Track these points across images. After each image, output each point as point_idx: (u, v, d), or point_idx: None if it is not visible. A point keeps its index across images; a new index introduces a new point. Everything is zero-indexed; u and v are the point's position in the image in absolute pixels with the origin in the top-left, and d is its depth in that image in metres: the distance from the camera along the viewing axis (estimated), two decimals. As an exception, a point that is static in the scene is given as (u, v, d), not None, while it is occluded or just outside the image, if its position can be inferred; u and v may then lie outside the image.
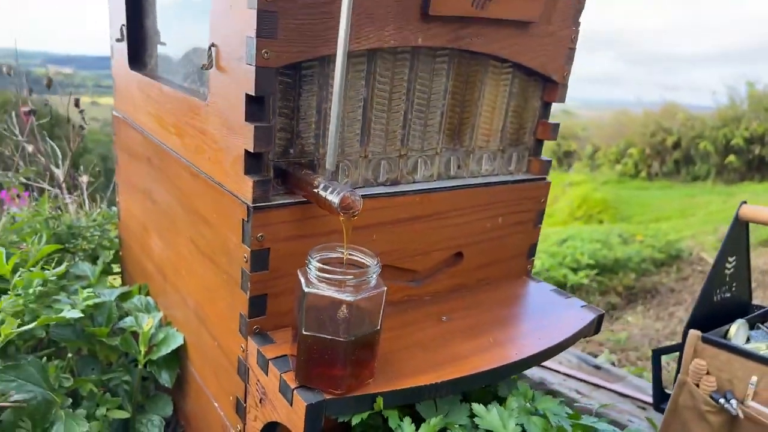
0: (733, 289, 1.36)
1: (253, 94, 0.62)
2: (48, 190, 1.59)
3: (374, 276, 0.62)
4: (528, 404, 0.75)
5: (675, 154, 11.74)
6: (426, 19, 0.71)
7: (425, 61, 0.77)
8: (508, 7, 0.76)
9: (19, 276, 0.95)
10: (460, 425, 0.69)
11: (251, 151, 0.64)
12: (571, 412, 0.81)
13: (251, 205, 0.66)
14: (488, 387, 0.82)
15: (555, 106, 0.97)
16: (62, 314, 0.85)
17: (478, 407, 0.67)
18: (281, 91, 0.67)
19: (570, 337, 0.83)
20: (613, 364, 3.53)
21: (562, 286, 4.70)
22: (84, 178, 1.74)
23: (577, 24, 0.88)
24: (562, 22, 0.86)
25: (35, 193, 1.67)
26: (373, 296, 0.61)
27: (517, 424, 0.69)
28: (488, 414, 0.66)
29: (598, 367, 1.79)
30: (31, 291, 0.93)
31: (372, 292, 0.61)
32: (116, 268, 1.31)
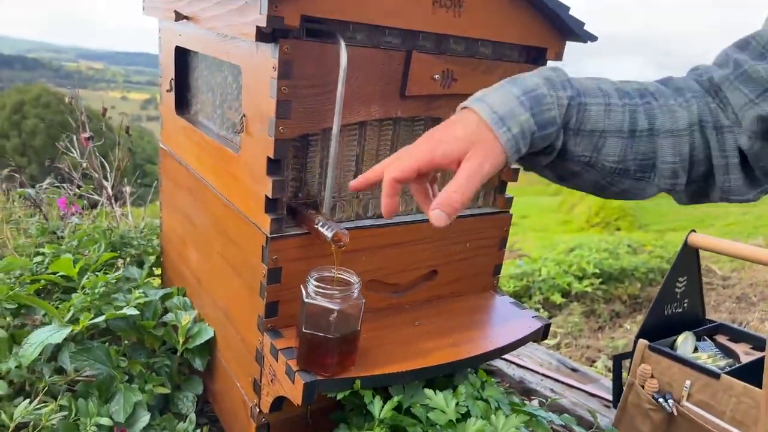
0: (685, 305, 1.56)
1: (273, 157, 0.86)
2: (100, 201, 1.86)
3: (356, 291, 0.85)
4: (476, 392, 0.98)
5: (699, 162, 11.73)
6: (404, 98, 0.94)
7: (405, 125, 1.00)
8: (469, 85, 0.99)
9: (87, 278, 1.21)
10: (421, 405, 0.92)
11: (270, 196, 0.88)
12: (517, 401, 1.03)
13: (269, 235, 0.90)
14: (449, 377, 1.05)
15: None
16: (122, 311, 1.11)
17: (428, 391, 0.90)
18: (293, 153, 0.91)
19: (516, 341, 1.05)
20: (608, 369, 3.71)
21: (566, 294, 4.87)
22: (127, 189, 2.01)
23: (533, 91, 1.10)
24: (519, 91, 1.08)
25: (86, 202, 1.94)
26: (354, 305, 0.85)
27: (464, 406, 0.91)
28: (436, 397, 0.89)
29: (575, 370, 2.00)
30: (96, 291, 1.18)
31: (354, 302, 0.84)
32: (156, 271, 1.57)
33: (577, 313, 4.55)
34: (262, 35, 0.79)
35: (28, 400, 0.90)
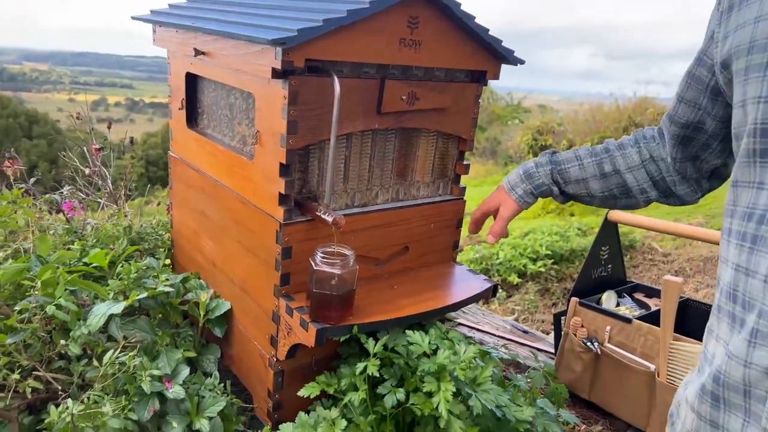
0: (609, 269, 1.92)
1: (284, 163, 1.15)
2: (101, 203, 2.09)
3: (351, 260, 1.15)
4: (443, 334, 1.29)
5: (646, 148, 12.43)
6: (380, 114, 1.24)
7: (381, 135, 1.31)
8: (429, 102, 1.30)
9: (122, 266, 1.46)
10: (402, 345, 1.23)
11: (283, 193, 1.17)
12: (475, 344, 1.35)
13: (282, 222, 1.19)
14: (420, 324, 1.36)
15: (533, 102, 1.54)
16: (159, 289, 1.37)
17: (408, 331, 1.20)
18: (298, 159, 1.19)
19: (471, 297, 1.37)
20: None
21: (522, 275, 5.29)
22: (122, 191, 2.24)
23: (477, 104, 1.42)
24: (467, 105, 1.40)
25: (85, 204, 2.16)
26: (351, 271, 1.15)
27: (432, 343, 1.23)
28: (414, 335, 1.20)
29: (525, 332, 2.35)
30: (130, 276, 1.44)
31: (350, 269, 1.14)
32: (166, 261, 1.82)
33: (532, 291, 4.97)
34: (276, 73, 1.08)
35: (111, 351, 1.16)
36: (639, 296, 1.95)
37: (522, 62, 1.39)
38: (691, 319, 1.75)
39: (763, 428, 0.60)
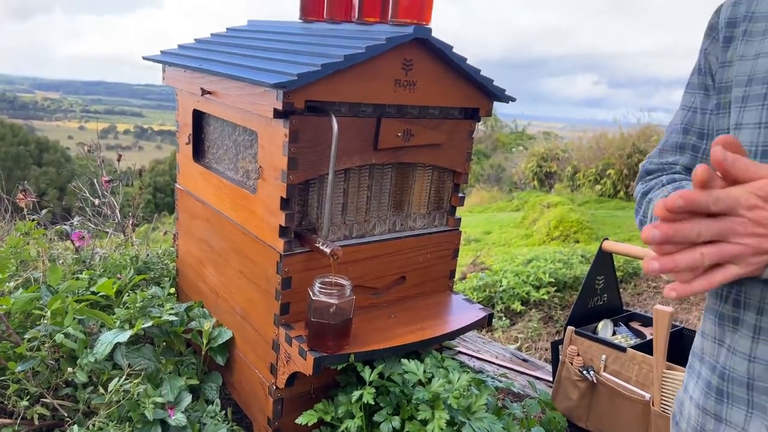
0: (605, 298, 1.96)
1: (285, 197, 1.20)
2: (109, 233, 2.15)
3: (348, 290, 1.19)
4: (438, 363, 1.33)
5: (650, 175, 12.46)
6: (376, 150, 1.30)
7: (377, 170, 1.36)
8: (423, 138, 1.36)
9: (128, 295, 1.51)
10: (397, 373, 1.27)
11: (283, 225, 1.22)
12: (469, 372, 1.38)
13: (282, 253, 1.24)
14: (417, 353, 1.39)
15: (537, 129, 1.56)
16: (164, 318, 1.42)
17: (404, 360, 1.24)
18: (298, 193, 1.25)
19: (467, 325, 1.41)
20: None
21: (525, 302, 5.29)
22: (130, 221, 2.30)
23: (471, 138, 1.48)
24: (461, 140, 1.46)
25: (93, 234, 2.22)
26: (348, 301, 1.19)
27: (428, 372, 1.26)
28: (409, 364, 1.23)
29: (525, 360, 2.37)
30: (136, 305, 1.49)
31: (347, 299, 1.19)
32: (171, 290, 1.87)
33: (535, 319, 4.95)
34: (277, 113, 1.14)
35: (117, 379, 1.20)
36: (635, 325, 1.98)
37: (513, 99, 1.45)
38: (688, 349, 1.77)
39: None
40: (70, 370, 1.25)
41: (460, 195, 1.54)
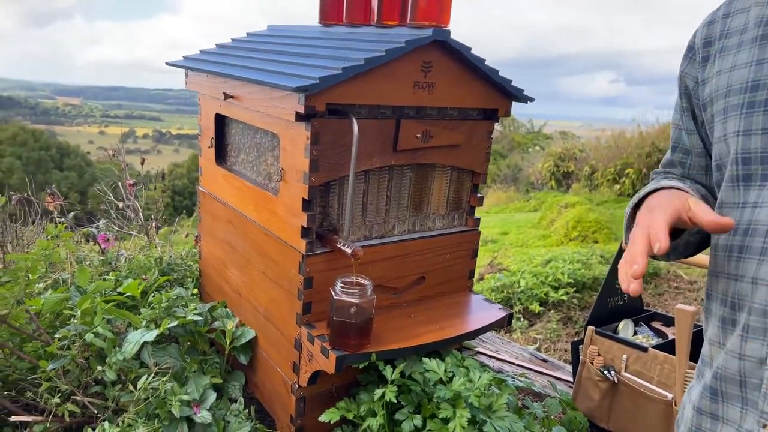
0: (625, 298, 1.94)
1: (306, 199, 1.22)
2: (132, 235, 2.20)
3: (369, 290, 1.21)
4: (459, 362, 1.33)
5: (671, 174, 12.27)
6: (396, 152, 1.32)
7: (397, 171, 1.38)
8: (442, 139, 1.37)
9: (153, 296, 1.55)
10: (418, 372, 1.28)
11: (305, 226, 1.24)
12: (490, 371, 1.39)
13: (304, 254, 1.26)
14: (437, 352, 1.40)
15: (554, 128, 1.56)
16: (189, 317, 1.45)
17: (425, 359, 1.25)
18: (319, 194, 1.27)
19: (486, 325, 1.42)
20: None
21: (544, 303, 5.26)
22: (153, 224, 2.35)
23: (490, 139, 1.49)
24: (480, 140, 1.46)
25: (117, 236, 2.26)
26: (369, 300, 1.21)
27: (448, 371, 1.27)
28: (430, 362, 1.24)
29: (545, 360, 2.36)
30: (162, 305, 1.52)
31: (368, 298, 1.20)
32: (194, 290, 1.91)
33: (554, 320, 4.92)
34: (299, 116, 1.16)
35: (145, 377, 1.24)
36: (656, 325, 1.96)
37: (532, 99, 1.46)
38: (709, 348, 1.75)
39: (761, 411, 0.67)
40: (99, 368, 1.28)
41: (479, 195, 1.55)
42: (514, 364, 2.29)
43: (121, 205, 2.15)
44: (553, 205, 11.50)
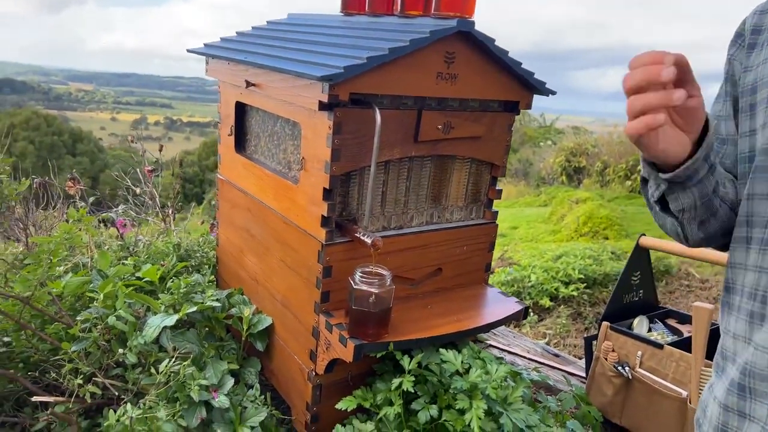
0: (640, 294, 1.94)
1: (327, 188, 1.23)
2: (149, 220, 2.22)
3: (388, 280, 1.22)
4: (475, 354, 1.34)
5: (683, 171, 12.17)
6: (416, 143, 1.32)
7: (417, 161, 1.38)
8: (463, 131, 1.37)
9: (172, 281, 1.56)
10: (435, 363, 1.28)
11: (325, 215, 1.25)
12: (506, 364, 1.39)
13: (324, 243, 1.27)
14: (453, 344, 1.41)
15: (566, 123, 1.55)
16: (207, 303, 1.46)
17: (442, 350, 1.26)
18: (340, 184, 1.28)
19: (502, 318, 1.42)
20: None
21: (554, 298, 5.25)
22: (170, 211, 2.36)
23: (510, 132, 1.48)
24: (500, 132, 1.46)
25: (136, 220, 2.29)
26: (388, 290, 1.21)
27: (465, 362, 1.27)
28: (447, 353, 1.25)
29: (557, 355, 2.36)
30: (180, 290, 1.54)
31: (387, 288, 1.21)
32: (210, 277, 1.92)
33: (564, 315, 4.91)
34: (322, 106, 1.17)
35: (167, 361, 1.25)
36: (671, 322, 1.96)
37: (554, 93, 1.45)
38: (725, 346, 1.75)
39: None
40: (120, 351, 1.30)
41: (498, 188, 1.54)
42: (525, 358, 2.29)
43: (138, 190, 2.17)
44: (563, 200, 11.43)
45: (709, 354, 1.55)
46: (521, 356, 2.30)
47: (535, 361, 2.26)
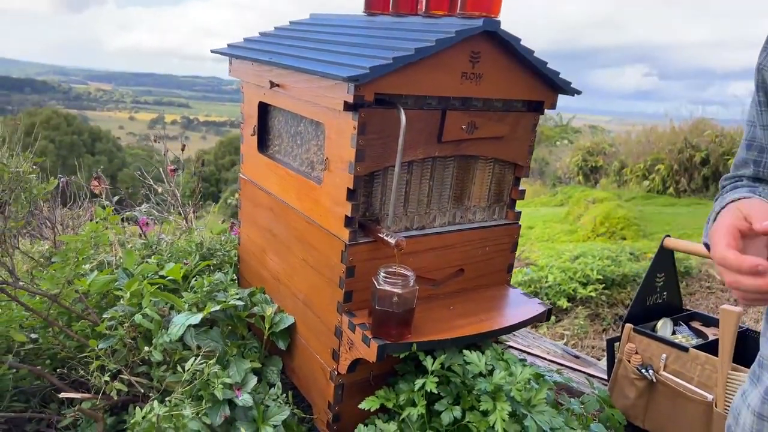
0: (664, 296, 1.91)
1: (351, 188, 1.23)
2: (171, 219, 2.24)
3: (412, 280, 1.21)
4: (498, 355, 1.33)
5: (704, 170, 11.95)
6: (440, 143, 1.31)
7: (440, 162, 1.37)
8: (487, 131, 1.36)
9: (196, 280, 1.58)
10: (458, 364, 1.28)
11: (349, 215, 1.25)
12: (530, 366, 1.38)
13: (347, 243, 1.27)
14: (476, 345, 1.40)
15: (583, 122, 1.53)
16: (230, 302, 1.47)
17: (466, 351, 1.25)
18: (363, 184, 1.28)
19: (526, 320, 1.41)
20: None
21: (572, 299, 5.20)
22: (191, 209, 2.39)
23: (534, 132, 1.47)
24: (524, 133, 1.45)
25: (156, 220, 2.31)
26: (411, 290, 1.21)
27: (488, 364, 1.27)
28: (471, 354, 1.24)
29: (577, 356, 2.34)
30: (204, 289, 1.55)
31: (410, 288, 1.21)
32: (231, 276, 1.94)
33: (582, 316, 4.87)
34: (347, 106, 1.17)
35: (193, 359, 1.27)
36: (696, 325, 1.93)
37: (579, 92, 1.44)
38: (751, 350, 1.71)
39: None
40: (146, 348, 1.31)
41: (521, 188, 1.53)
42: (546, 359, 2.28)
43: (160, 189, 2.19)
44: (580, 200, 11.32)
45: (736, 357, 1.52)
46: (542, 358, 2.28)
47: (556, 363, 2.25)
